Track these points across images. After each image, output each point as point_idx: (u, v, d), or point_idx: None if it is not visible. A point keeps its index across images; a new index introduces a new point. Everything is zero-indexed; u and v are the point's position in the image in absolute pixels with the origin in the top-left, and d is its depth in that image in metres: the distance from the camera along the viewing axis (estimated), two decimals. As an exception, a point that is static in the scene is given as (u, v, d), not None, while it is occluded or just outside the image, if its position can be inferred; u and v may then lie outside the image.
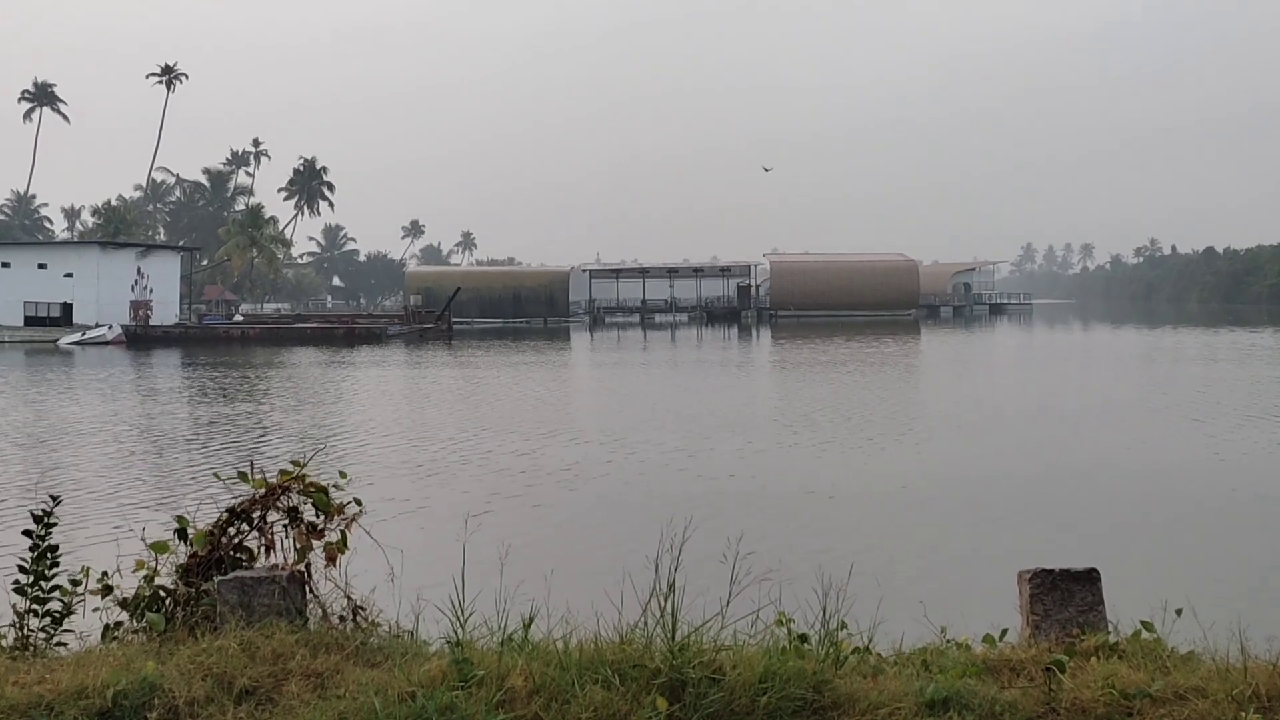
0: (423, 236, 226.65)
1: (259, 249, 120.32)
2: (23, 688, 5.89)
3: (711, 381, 46.20)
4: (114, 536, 10.17)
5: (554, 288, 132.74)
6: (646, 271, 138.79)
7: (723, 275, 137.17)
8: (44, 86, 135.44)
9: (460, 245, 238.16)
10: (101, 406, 37.09)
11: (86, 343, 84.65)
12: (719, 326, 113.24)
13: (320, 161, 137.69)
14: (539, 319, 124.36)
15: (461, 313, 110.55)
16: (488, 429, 28.58)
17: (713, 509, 16.68)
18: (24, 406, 37.86)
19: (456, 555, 6.84)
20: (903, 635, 6.71)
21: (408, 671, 5.96)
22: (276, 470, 7.54)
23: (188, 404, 37.69)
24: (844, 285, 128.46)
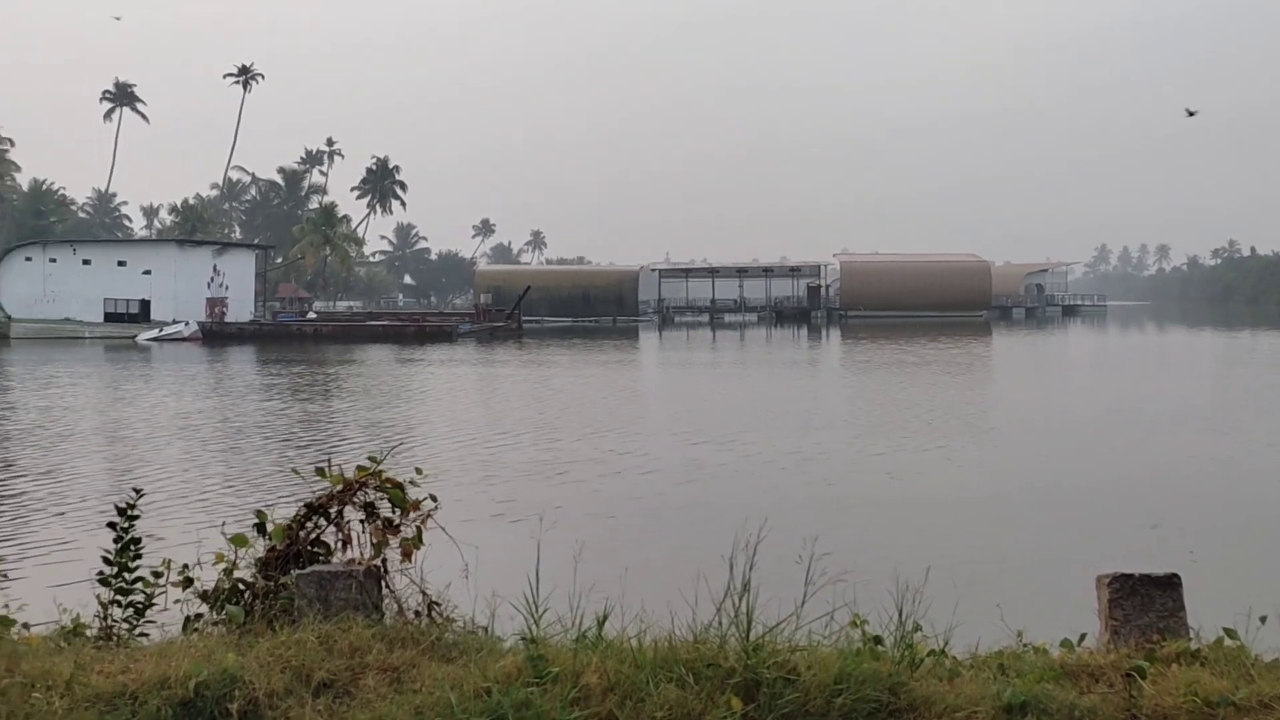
0: (493, 235, 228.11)
1: (332, 247, 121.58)
2: (107, 676, 5.99)
3: (782, 382, 46.06)
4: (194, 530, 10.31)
5: (623, 287, 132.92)
6: (716, 271, 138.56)
7: (792, 275, 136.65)
8: (124, 87, 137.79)
9: (530, 244, 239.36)
10: (179, 402, 37.67)
11: (164, 339, 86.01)
12: (788, 327, 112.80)
13: (393, 161, 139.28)
14: (608, 318, 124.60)
15: (531, 311, 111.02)
16: (559, 427, 28.69)
17: (787, 509, 16.62)
18: (105, 402, 38.55)
19: (531, 552, 6.87)
20: (979, 639, 6.64)
21: (483, 667, 5.99)
22: (353, 466, 7.61)
23: (264, 400, 38.17)
24: (915, 286, 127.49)
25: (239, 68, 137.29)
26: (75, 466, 23.06)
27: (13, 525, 17.13)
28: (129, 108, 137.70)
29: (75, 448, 25.94)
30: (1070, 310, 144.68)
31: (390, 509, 7.44)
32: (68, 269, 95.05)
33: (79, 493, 19.85)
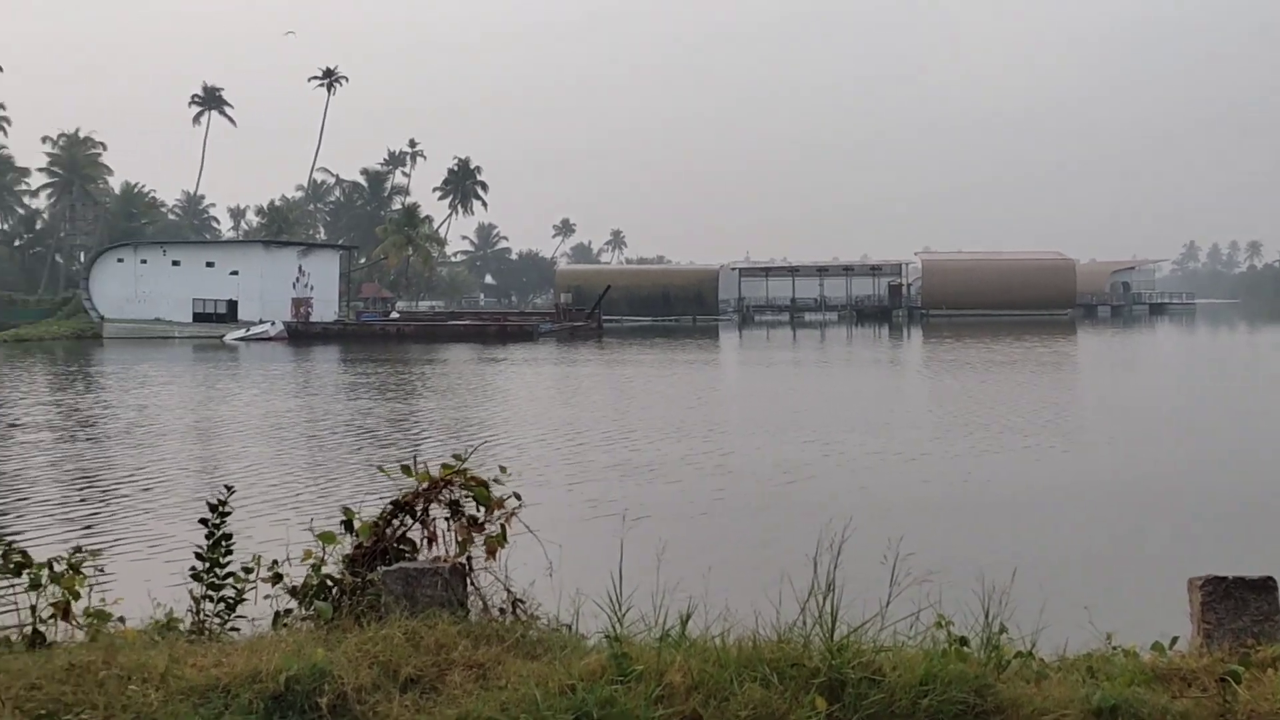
0: (573, 235, 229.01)
1: (414, 247, 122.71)
2: (201, 670, 6.11)
3: (865, 381, 45.77)
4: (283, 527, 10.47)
5: (703, 286, 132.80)
6: (796, 270, 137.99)
7: (873, 274, 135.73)
8: (212, 90, 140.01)
9: (610, 244, 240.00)
10: (268, 400, 38.27)
11: (250, 338, 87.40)
12: (869, 325, 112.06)
13: (474, 161, 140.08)
14: (688, 317, 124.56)
15: (611, 310, 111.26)
16: (641, 426, 28.73)
17: (872, 509, 16.51)
18: (198, 400, 39.28)
19: (614, 551, 6.90)
20: (1067, 641, 6.57)
21: (567, 665, 6.02)
22: (438, 464, 7.69)
23: (349, 399, 38.64)
24: (998, 284, 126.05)
25: (323, 70, 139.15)
26: (170, 464, 23.50)
27: (110, 521, 17.51)
28: (217, 111, 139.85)
29: (170, 445, 26.45)
30: (1157, 309, 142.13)
31: (475, 507, 7.51)
32: (158, 270, 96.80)
33: (173, 489, 20.24)
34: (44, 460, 24.32)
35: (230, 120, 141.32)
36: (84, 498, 19.76)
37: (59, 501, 19.43)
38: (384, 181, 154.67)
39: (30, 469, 23.04)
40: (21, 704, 5.80)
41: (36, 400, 39.49)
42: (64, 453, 25.44)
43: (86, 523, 17.33)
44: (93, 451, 25.50)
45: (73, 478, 22.02)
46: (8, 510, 18.68)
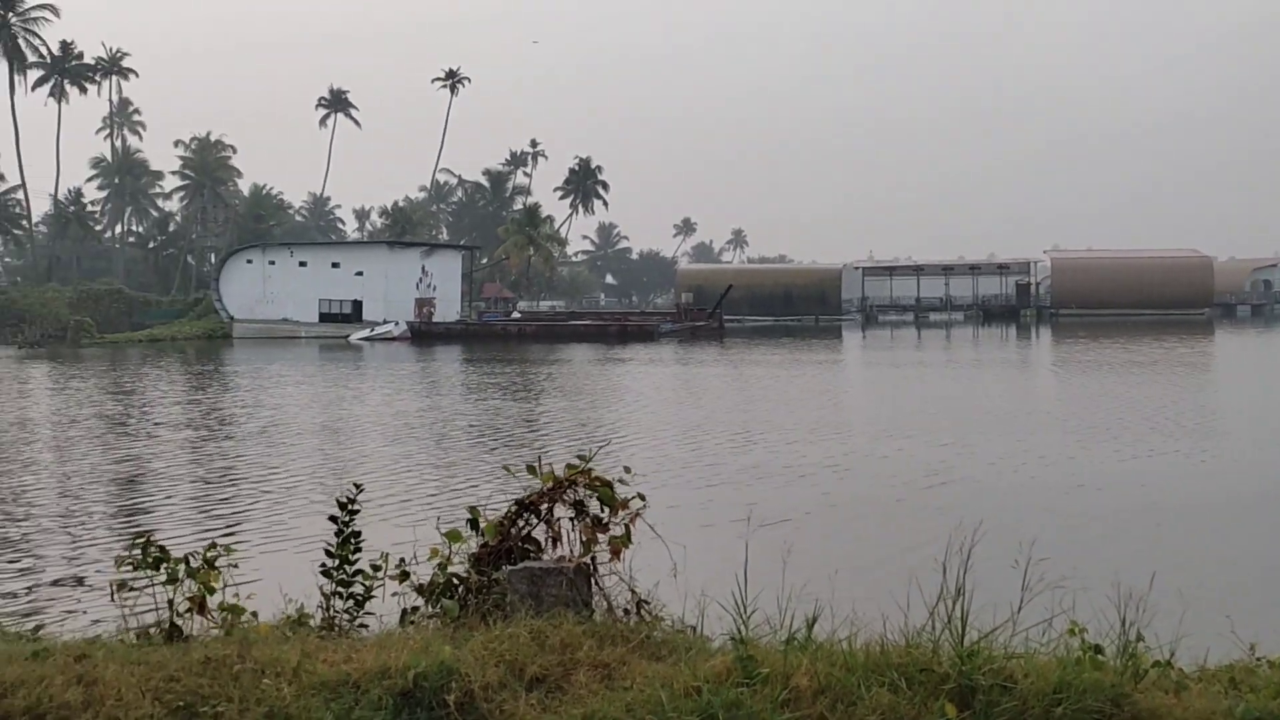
0: (694, 234, 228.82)
1: (536, 247, 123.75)
2: (331, 665, 6.24)
3: (994, 382, 45.05)
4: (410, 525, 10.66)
5: (826, 285, 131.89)
6: (921, 269, 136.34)
7: (1000, 273, 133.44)
8: (339, 93, 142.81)
9: (731, 243, 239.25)
10: (394, 400, 38.93)
11: (375, 338, 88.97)
12: (996, 325, 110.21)
13: (595, 160, 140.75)
14: (810, 317, 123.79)
15: (732, 310, 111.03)
16: (766, 427, 28.64)
17: (1003, 512, 16.26)
18: (329, 400, 40.13)
19: (739, 552, 6.90)
20: (1207, 651, 6.41)
21: (693, 666, 6.04)
22: (563, 465, 7.76)
23: (472, 398, 39.14)
24: (1130, 283, 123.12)
25: (446, 72, 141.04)
26: (301, 462, 24.05)
27: (243, 517, 17.97)
28: (343, 113, 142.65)
29: (302, 444, 27.07)
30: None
31: (599, 508, 7.55)
32: (285, 271, 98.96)
33: (304, 487, 20.71)
34: (184, 458, 25.05)
35: (355, 122, 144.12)
36: (219, 494, 20.30)
37: (196, 497, 19.99)
38: (505, 182, 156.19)
39: (171, 466, 23.75)
40: (161, 695, 5.99)
41: (176, 400, 40.69)
42: (202, 450, 26.18)
43: (221, 519, 17.80)
44: (229, 449, 26.19)
45: (209, 475, 22.64)
46: (148, 506, 19.28)
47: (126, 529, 16.75)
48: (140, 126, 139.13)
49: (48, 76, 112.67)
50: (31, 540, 16.61)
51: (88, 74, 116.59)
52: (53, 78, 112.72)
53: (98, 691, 6.04)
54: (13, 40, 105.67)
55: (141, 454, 25.53)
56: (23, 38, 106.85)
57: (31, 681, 6.14)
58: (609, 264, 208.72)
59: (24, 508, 19.10)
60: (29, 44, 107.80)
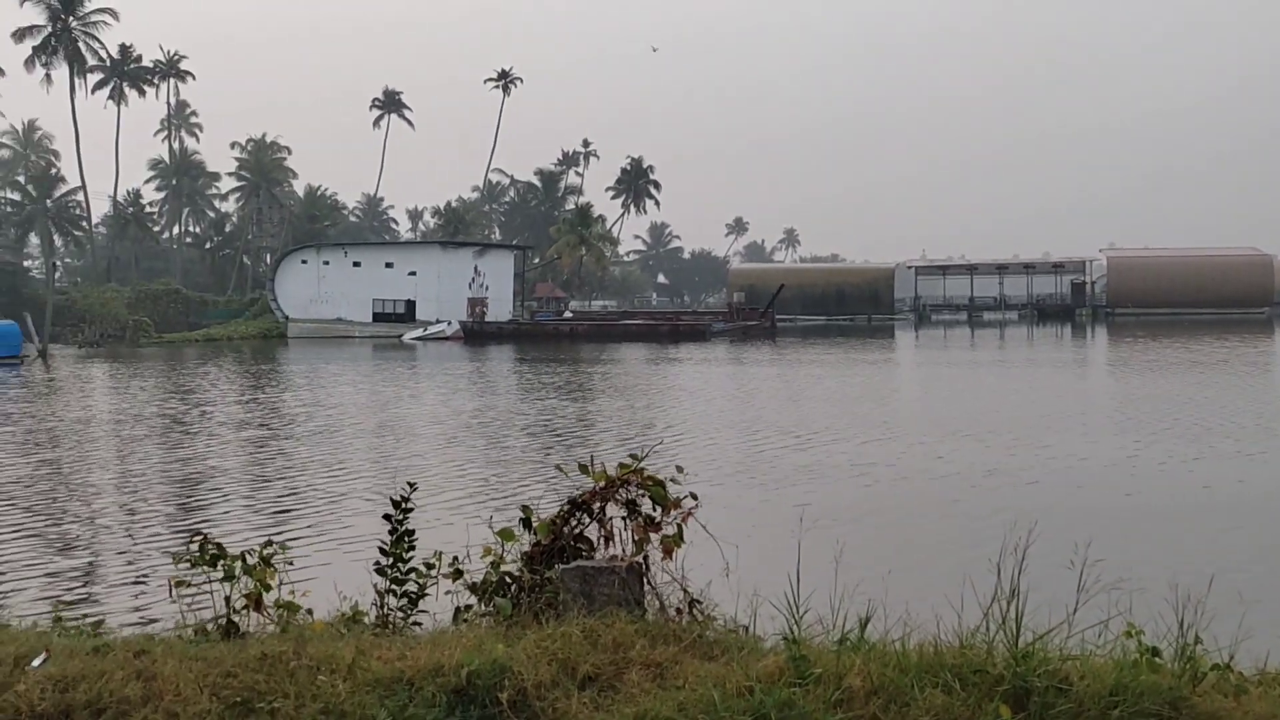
0: (746, 233, 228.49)
1: (587, 247, 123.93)
2: (386, 663, 6.30)
3: (1050, 382, 44.62)
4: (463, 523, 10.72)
5: (878, 284, 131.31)
6: (974, 268, 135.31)
7: (1055, 272, 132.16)
8: (392, 94, 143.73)
9: (783, 242, 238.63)
10: (448, 399, 39.15)
11: (428, 338, 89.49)
12: (1051, 325, 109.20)
13: (647, 160, 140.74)
14: (862, 317, 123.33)
15: (784, 310, 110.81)
16: (817, 427, 28.55)
17: (1058, 513, 16.10)
18: (385, 399, 40.44)
19: (791, 552, 6.89)
20: (1267, 654, 6.33)
21: (745, 666, 6.04)
22: (615, 464, 7.78)
23: (526, 397, 39.29)
24: (1189, 281, 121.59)
25: (499, 72, 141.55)
26: (356, 460, 24.26)
27: (299, 514, 18.13)
28: (396, 114, 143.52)
29: (357, 443, 27.29)
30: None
31: (651, 507, 7.57)
32: (339, 271, 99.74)
33: (359, 485, 20.88)
34: (241, 456, 25.31)
35: (409, 123, 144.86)
36: (276, 492, 20.49)
37: (253, 496, 20.19)
38: (558, 181, 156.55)
39: (228, 464, 24.00)
40: (218, 691, 6.07)
41: (233, 399, 41.12)
42: (259, 449, 26.43)
43: (278, 517, 17.97)
44: (285, 448, 26.44)
45: (265, 473, 22.86)
46: (206, 504, 19.50)
47: (185, 527, 16.95)
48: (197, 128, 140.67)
49: (107, 79, 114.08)
50: (92, 538, 16.85)
51: (146, 76, 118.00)
52: (112, 80, 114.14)
53: (156, 686, 6.13)
54: (73, 44, 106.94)
55: (199, 452, 25.82)
56: (83, 41, 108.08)
57: (92, 676, 6.24)
58: (661, 263, 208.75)
59: (85, 506, 19.38)
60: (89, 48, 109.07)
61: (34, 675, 6.32)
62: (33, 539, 16.70)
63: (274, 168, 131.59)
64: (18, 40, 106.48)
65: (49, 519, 18.23)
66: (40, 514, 18.64)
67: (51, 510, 18.95)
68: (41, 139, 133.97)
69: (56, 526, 17.64)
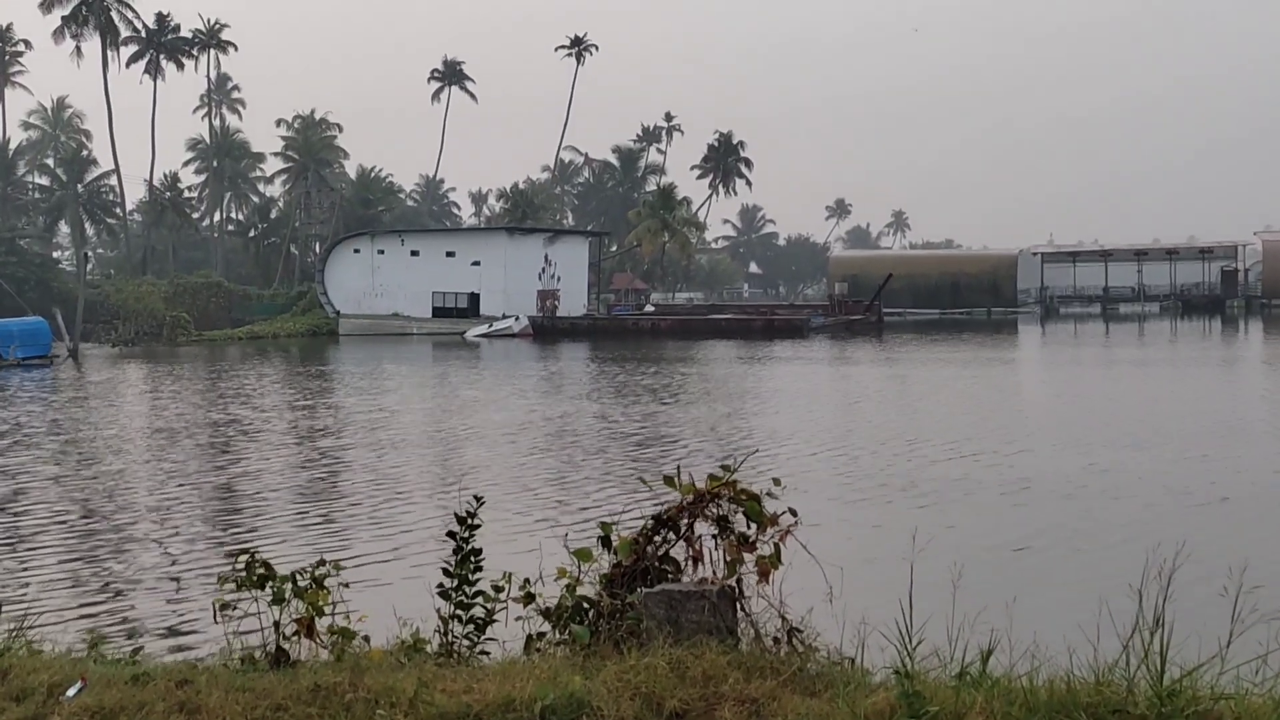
0: (849, 217, 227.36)
1: (671, 233, 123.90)
2: (451, 696, 6.35)
3: (1200, 385, 43.89)
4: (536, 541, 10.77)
5: (999, 273, 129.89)
6: (1109, 254, 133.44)
7: (1202, 258, 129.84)
8: (453, 64, 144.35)
9: (891, 226, 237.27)
10: (516, 403, 39.37)
11: (493, 335, 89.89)
12: (1197, 318, 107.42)
13: (737, 136, 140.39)
14: (981, 310, 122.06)
15: (892, 302, 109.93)
16: (932, 436, 28.33)
17: (1210, 534, 15.87)
18: (442, 402, 40.78)
19: (903, 575, 6.85)
20: None
21: (851, 703, 6.02)
22: (703, 475, 7.77)
23: (603, 402, 39.38)
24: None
25: (571, 39, 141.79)
26: (417, 473, 24.49)
27: (355, 532, 18.33)
28: (458, 86, 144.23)
29: (419, 452, 27.57)
30: None
31: (745, 524, 7.54)
32: (396, 260, 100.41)
33: (420, 500, 21.06)
34: (291, 468, 25.64)
35: (472, 96, 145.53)
36: (329, 508, 20.74)
37: (304, 511, 20.45)
38: (637, 160, 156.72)
39: (277, 477, 24.32)
40: (268, 726, 6.16)
41: (281, 405, 41.68)
42: (310, 460, 26.80)
43: (331, 534, 18.18)
44: (338, 459, 26.77)
45: (317, 487, 23.16)
46: (253, 520, 19.78)
47: (230, 545, 17.21)
48: (240, 104, 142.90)
49: (142, 52, 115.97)
50: (131, 556, 17.16)
51: (184, 48, 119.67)
52: (148, 53, 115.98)
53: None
54: (106, 13, 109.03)
55: (245, 464, 26.22)
56: (116, 10, 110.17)
57: (132, 708, 6.37)
58: (752, 251, 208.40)
59: (123, 522, 19.74)
60: (122, 17, 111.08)
61: (69, 706, 6.46)
62: (68, 558, 17.04)
63: (323, 147, 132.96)
64: (46, 10, 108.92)
65: (84, 537, 18.61)
66: (75, 531, 19.03)
67: (87, 527, 19.34)
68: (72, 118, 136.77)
69: (93, 545, 18.00)
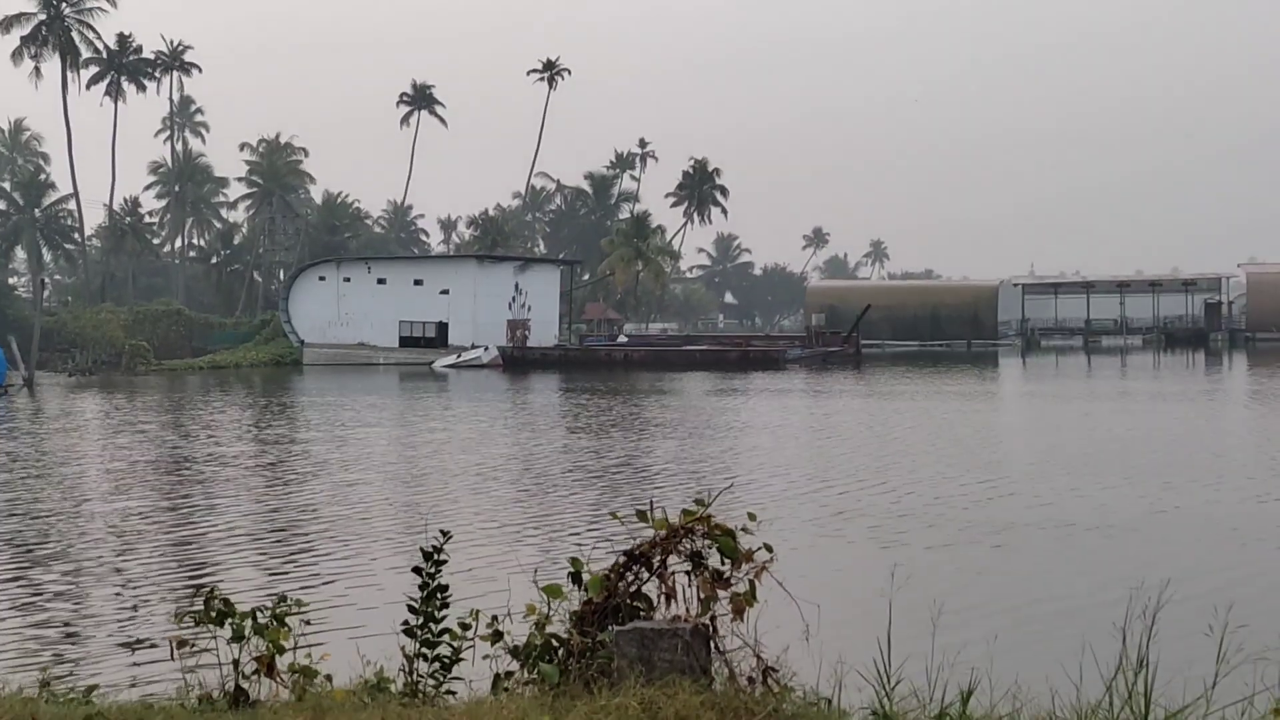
0: (826, 246, 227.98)
1: (644, 262, 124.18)
2: (416, 737, 6.31)
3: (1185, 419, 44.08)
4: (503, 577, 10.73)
5: (979, 305, 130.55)
6: (1091, 285, 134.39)
7: (1185, 290, 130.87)
8: (422, 88, 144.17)
9: (869, 256, 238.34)
10: (485, 436, 39.33)
11: (462, 366, 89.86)
12: (1180, 352, 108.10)
13: (712, 163, 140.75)
14: (960, 342, 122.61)
15: (870, 334, 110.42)
16: (913, 470, 28.40)
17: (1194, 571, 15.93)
18: (408, 436, 40.69)
19: (881, 613, 6.87)
20: None
21: (828, 744, 6.01)
22: (677, 510, 7.75)
23: (574, 435, 39.40)
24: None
25: (543, 63, 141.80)
26: (381, 507, 24.41)
27: (316, 568, 18.25)
28: (427, 110, 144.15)
29: (383, 486, 27.50)
30: None
31: (719, 560, 7.53)
32: (362, 289, 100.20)
33: (384, 535, 20.98)
34: (251, 502, 25.49)
35: (441, 120, 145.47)
36: (290, 543, 20.65)
37: (264, 546, 20.37)
38: (610, 187, 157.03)
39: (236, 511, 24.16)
40: (225, 768, 6.10)
41: (241, 436, 41.53)
42: (271, 494, 26.66)
43: (292, 570, 18.10)
44: (300, 492, 26.66)
45: (278, 521, 23.03)
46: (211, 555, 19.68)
47: (187, 580, 17.11)
48: (203, 128, 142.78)
49: (103, 73, 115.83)
50: (82, 592, 17.04)
51: (146, 70, 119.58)
52: (109, 74, 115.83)
53: (156, 762, 6.18)
54: (66, 33, 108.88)
55: (203, 497, 26.07)
56: (77, 30, 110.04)
57: (84, 749, 6.30)
58: (728, 280, 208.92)
59: (74, 556, 19.59)
60: (83, 37, 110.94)
61: (18, 747, 6.39)
62: (17, 592, 16.91)
63: (289, 172, 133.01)
64: (4, 30, 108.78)
65: (35, 570, 18.47)
66: (26, 565, 18.88)
67: (38, 561, 19.19)
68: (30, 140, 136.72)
69: (44, 580, 17.86)
